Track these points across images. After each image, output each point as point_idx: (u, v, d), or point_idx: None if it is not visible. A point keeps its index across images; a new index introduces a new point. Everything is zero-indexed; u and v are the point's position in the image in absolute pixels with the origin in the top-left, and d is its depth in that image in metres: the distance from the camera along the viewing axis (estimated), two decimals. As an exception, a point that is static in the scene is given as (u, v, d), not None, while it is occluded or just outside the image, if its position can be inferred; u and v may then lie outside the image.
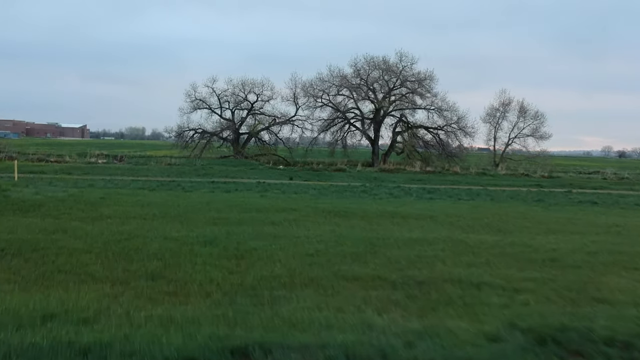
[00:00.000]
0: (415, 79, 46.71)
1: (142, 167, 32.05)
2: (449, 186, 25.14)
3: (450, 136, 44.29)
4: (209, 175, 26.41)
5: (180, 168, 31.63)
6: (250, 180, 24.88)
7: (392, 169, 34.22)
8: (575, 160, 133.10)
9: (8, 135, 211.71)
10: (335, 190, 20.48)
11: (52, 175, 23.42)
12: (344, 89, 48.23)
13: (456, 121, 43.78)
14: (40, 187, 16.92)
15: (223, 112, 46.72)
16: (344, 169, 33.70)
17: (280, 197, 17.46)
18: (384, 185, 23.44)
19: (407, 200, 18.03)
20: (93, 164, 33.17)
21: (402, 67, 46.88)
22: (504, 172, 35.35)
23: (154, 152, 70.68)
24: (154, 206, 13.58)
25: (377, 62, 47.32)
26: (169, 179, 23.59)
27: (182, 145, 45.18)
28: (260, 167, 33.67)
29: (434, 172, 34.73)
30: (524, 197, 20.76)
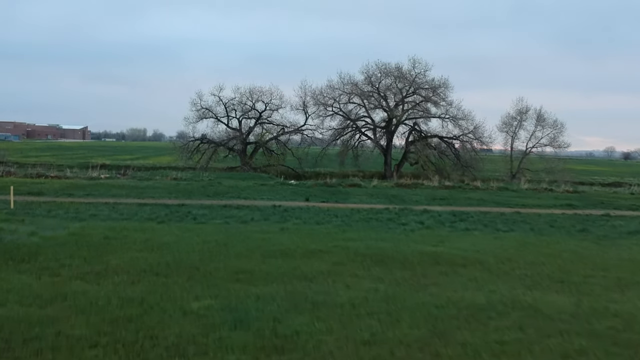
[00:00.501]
0: (429, 86, 45.15)
1: (147, 183, 30.41)
2: (477, 208, 23.53)
3: (466, 146, 42.67)
4: (219, 196, 24.78)
5: (188, 185, 29.99)
6: (264, 201, 23.27)
7: (409, 183, 32.59)
8: (582, 164, 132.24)
9: (9, 137, 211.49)
10: (360, 218, 18.84)
11: (52, 199, 21.78)
12: (355, 97, 46.71)
13: (472, 130, 42.21)
14: (38, 222, 15.27)
15: (230, 121, 45.23)
16: (359, 184, 32.07)
17: (303, 229, 15.86)
18: (409, 209, 21.80)
19: (442, 232, 16.41)
20: (95, 180, 31.53)
21: (415, 73, 45.40)
22: (526, 187, 33.66)
23: (157, 160, 69.10)
24: (166, 250, 11.97)
25: (389, 68, 45.84)
26: (177, 202, 21.99)
27: (187, 156, 43.56)
28: (271, 183, 32.04)
29: (453, 187, 33.03)
30: (564, 224, 19.14)
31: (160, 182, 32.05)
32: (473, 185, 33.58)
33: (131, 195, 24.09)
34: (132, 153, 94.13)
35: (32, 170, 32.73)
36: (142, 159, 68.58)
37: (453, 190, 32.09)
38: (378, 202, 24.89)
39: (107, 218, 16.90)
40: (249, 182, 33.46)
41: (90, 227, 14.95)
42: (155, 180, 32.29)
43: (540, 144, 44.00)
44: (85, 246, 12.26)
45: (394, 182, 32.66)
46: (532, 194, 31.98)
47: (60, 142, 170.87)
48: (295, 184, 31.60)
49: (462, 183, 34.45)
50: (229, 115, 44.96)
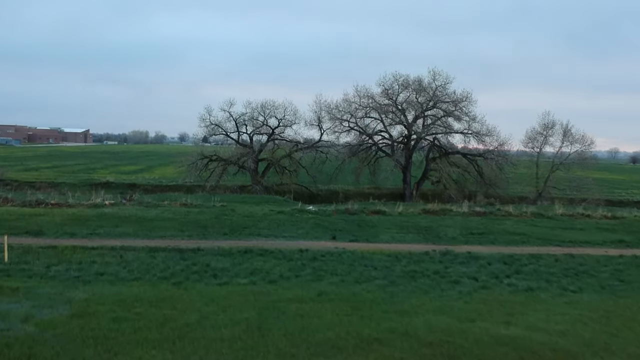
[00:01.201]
0: (450, 99, 42.79)
1: (154, 212, 28.03)
2: (523, 248, 21.23)
3: (490, 164, 40.32)
4: (236, 233, 22.44)
5: (199, 214, 27.63)
6: (287, 241, 20.99)
7: (437, 209, 30.27)
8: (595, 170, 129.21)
9: (10, 142, 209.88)
10: (402, 271, 16.48)
11: (53, 241, 19.50)
12: (371, 111, 44.40)
13: (497, 147, 39.84)
14: (35, 291, 12.96)
15: (240, 136, 42.90)
16: (384, 211, 29.75)
17: (343, 294, 13.53)
18: (452, 253, 19.47)
19: (503, 294, 14.08)
20: (99, 208, 29.18)
21: (435, 86, 43.05)
22: (561, 211, 31.33)
23: (162, 172, 66.78)
24: (187, 342, 9.67)
25: (408, 80, 43.47)
26: (191, 243, 19.72)
27: (195, 174, 41.26)
28: (288, 209, 29.67)
29: (484, 214, 30.69)
30: (632, 275, 16.86)
31: (169, 208, 29.71)
32: (505, 211, 31.21)
33: (139, 234, 21.77)
34: (136, 161, 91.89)
35: (31, 197, 30.35)
36: (147, 172, 66.25)
37: (486, 219, 29.72)
38: (412, 239, 22.59)
39: (115, 279, 14.57)
40: (264, 207, 31.13)
41: (97, 298, 12.60)
42: (163, 207, 29.94)
43: (568, 160, 41.58)
44: (91, 339, 9.93)
45: (420, 208, 30.29)
46: (570, 222, 29.66)
47: (61, 147, 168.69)
48: (315, 211, 29.26)
49: (492, 208, 32.08)
50: (239, 130, 42.71)
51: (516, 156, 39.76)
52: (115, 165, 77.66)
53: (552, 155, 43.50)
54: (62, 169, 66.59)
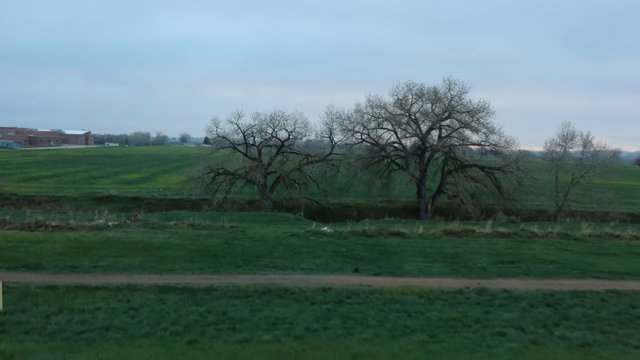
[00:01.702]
0: (466, 110, 41.15)
1: (161, 236, 26.41)
2: (561, 282, 19.63)
3: (510, 178, 38.67)
4: (251, 265, 20.80)
5: (209, 237, 26.01)
6: (307, 275, 19.40)
7: (459, 231, 28.71)
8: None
9: (11, 145, 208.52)
10: (440, 320, 14.87)
11: (53, 278, 17.93)
12: (384, 122, 42.79)
13: (515, 160, 38.18)
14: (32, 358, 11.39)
15: (248, 149, 41.28)
16: (403, 233, 28.16)
17: (380, 357, 11.98)
18: (488, 293, 17.85)
19: (557, 354, 12.52)
20: (102, 230, 27.57)
21: (451, 96, 41.42)
22: (588, 232, 29.73)
23: (165, 181, 65.16)
24: None
25: (422, 90, 41.84)
26: (203, 279, 18.14)
27: (201, 188, 39.66)
28: (301, 232, 28.07)
29: (508, 235, 29.09)
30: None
31: (176, 230, 28.11)
32: (530, 232, 29.66)
33: (146, 267, 20.15)
34: (139, 168, 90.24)
35: (31, 218, 28.72)
36: (150, 181, 64.65)
37: (511, 241, 28.12)
38: (440, 271, 20.99)
39: (122, 336, 12.94)
40: (276, 228, 29.50)
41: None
42: (170, 229, 28.33)
43: (589, 174, 39.91)
44: None
45: (441, 229, 28.71)
46: (600, 245, 28.07)
47: (62, 151, 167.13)
48: (330, 233, 27.67)
49: (516, 227, 30.48)
50: (247, 142, 41.04)
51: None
52: (117, 173, 76.06)
53: (571, 166, 41.87)
54: (63, 177, 64.98)
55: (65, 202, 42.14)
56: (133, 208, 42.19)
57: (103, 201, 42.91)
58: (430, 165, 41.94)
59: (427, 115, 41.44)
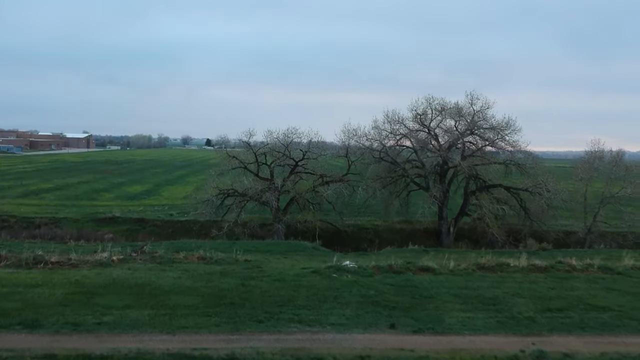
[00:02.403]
0: (490, 126, 38.90)
1: (171, 275, 24.19)
2: (624, 340, 17.44)
3: (538, 200, 36.40)
4: (273, 320, 18.58)
5: (223, 280, 23.74)
6: (337, 334, 17.18)
7: (493, 265, 26.52)
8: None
9: (11, 149, 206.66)
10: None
11: (52, 340, 15.76)
12: (403, 138, 40.60)
13: (544, 182, 35.92)
14: None
15: (260, 168, 39.08)
16: (433, 269, 25.95)
17: None
18: (547, 359, 15.70)
19: None
20: (106, 267, 25.36)
21: (473, 111, 39.14)
22: (631, 263, 27.48)
23: (171, 195, 62.95)
24: None
25: (443, 105, 39.62)
26: (222, 342, 15.96)
27: (211, 211, 37.44)
28: (322, 267, 25.85)
29: (546, 270, 26.85)
30: None
31: (187, 266, 25.85)
32: (568, 265, 27.46)
33: (156, 323, 17.87)
34: (141, 177, 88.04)
35: (29, 252, 26.48)
36: (154, 194, 62.43)
37: (550, 278, 25.86)
38: (484, 324, 18.72)
39: None
40: (294, 262, 27.29)
41: None
42: (179, 266, 26.07)
43: (618, 194, 37.68)
44: None
45: (473, 264, 26.51)
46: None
47: (64, 156, 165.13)
48: (353, 269, 25.46)
49: (551, 259, 28.26)
50: (259, 161, 38.83)
51: (568, 195, 35.62)
52: (120, 184, 73.84)
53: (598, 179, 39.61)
54: (64, 191, 62.77)
55: (66, 224, 39.99)
56: (138, 231, 40.06)
57: (106, 223, 40.77)
58: (451, 184, 39.75)
59: (448, 131, 39.31)
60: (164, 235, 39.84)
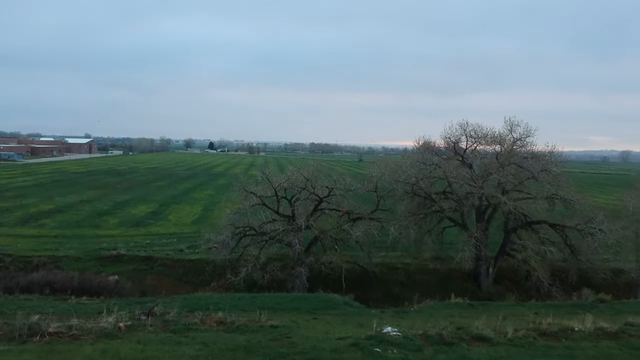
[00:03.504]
0: (531, 155, 35.41)
1: (188, 354, 20.78)
2: None
3: (588, 240, 32.89)
4: None
5: (246, 350, 20.37)
6: None
7: (555, 331, 22.81)
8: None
9: (12, 157, 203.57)
10: None
11: None
12: (435, 169, 37.13)
13: (600, 221, 32.41)
14: None
15: (279, 205, 35.62)
16: (489, 338, 22.32)
17: None
18: None
19: None
20: (112, 339, 21.86)
21: (513, 139, 35.67)
22: None
23: (177, 217, 59.51)
24: None
25: (478, 132, 36.20)
26: None
27: (226, 253, 33.95)
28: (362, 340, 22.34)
29: (616, 336, 23.30)
30: None
31: (205, 337, 22.36)
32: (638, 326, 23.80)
33: None
34: (146, 194, 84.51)
35: (22, 315, 22.99)
36: (160, 217, 58.90)
37: (628, 351, 22.32)
38: None
39: None
40: (327, 327, 23.73)
41: None
42: (196, 332, 22.61)
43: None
44: None
45: (533, 330, 22.87)
46: None
47: (65, 164, 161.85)
48: (398, 341, 21.90)
49: (619, 321, 24.65)
50: (278, 195, 35.38)
51: (622, 235, 32.08)
52: (123, 204, 70.32)
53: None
54: (65, 215, 59.29)
55: (67, 264, 36.60)
56: (145, 271, 36.66)
57: (110, 261, 37.38)
58: (490, 221, 36.30)
59: (485, 161, 35.80)
60: (174, 277, 36.48)
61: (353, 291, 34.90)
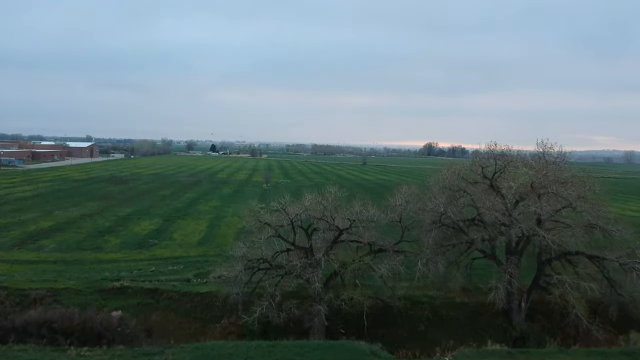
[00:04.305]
0: (566, 181, 32.79)
1: None
2: None
3: (630, 272, 30.27)
4: None
5: None
6: None
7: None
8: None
9: (13, 162, 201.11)
10: None
11: None
12: (463, 195, 34.56)
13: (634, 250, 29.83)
14: None
15: (295, 235, 32.99)
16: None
17: None
18: None
19: None
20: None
21: (546, 162, 33.06)
22: None
23: (182, 234, 56.90)
24: None
25: (508, 156, 33.61)
26: None
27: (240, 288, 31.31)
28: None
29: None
30: None
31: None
32: None
33: None
34: (149, 207, 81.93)
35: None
36: (165, 238, 56.23)
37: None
38: None
39: None
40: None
41: None
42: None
43: None
44: None
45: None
46: None
47: (66, 171, 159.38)
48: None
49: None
50: (294, 225, 32.70)
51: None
52: (126, 219, 67.73)
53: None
54: (65, 234, 56.75)
55: (67, 298, 34.07)
56: (151, 306, 34.08)
57: (113, 294, 34.80)
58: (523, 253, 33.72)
59: (516, 187, 33.17)
60: (181, 312, 33.88)
61: (375, 330, 32.39)
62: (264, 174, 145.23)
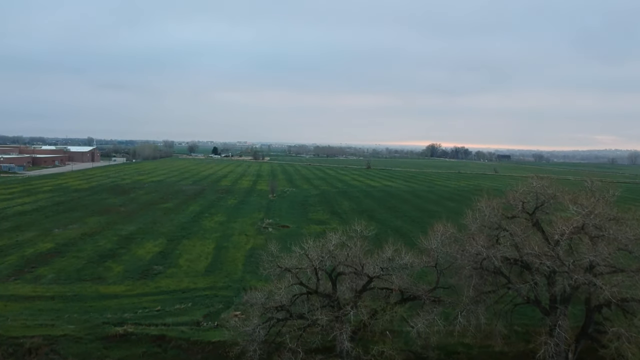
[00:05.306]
0: (618, 218, 29.56)
1: None
2: None
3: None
4: None
5: None
6: None
7: None
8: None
9: (13, 169, 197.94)
10: None
11: None
12: (502, 233, 31.33)
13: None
14: None
15: (319, 280, 29.75)
16: None
17: None
18: None
19: None
20: None
21: (594, 198, 29.84)
22: None
23: (188, 258, 53.69)
24: None
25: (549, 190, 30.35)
26: None
27: (257, 344, 28.06)
28: None
29: None
30: None
31: None
32: None
33: None
34: (153, 225, 78.81)
35: None
36: (171, 264, 52.96)
37: None
38: None
39: None
40: None
41: None
42: None
43: None
44: None
45: None
46: None
47: (67, 179, 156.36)
48: None
49: None
50: (317, 271, 29.47)
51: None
52: (128, 239, 64.56)
53: None
54: (64, 260, 53.59)
55: (65, 347, 30.93)
56: (158, 356, 30.87)
57: (116, 342, 31.65)
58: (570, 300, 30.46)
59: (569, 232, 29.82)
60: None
61: (408, 386, 29.21)
62: (270, 183, 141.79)
